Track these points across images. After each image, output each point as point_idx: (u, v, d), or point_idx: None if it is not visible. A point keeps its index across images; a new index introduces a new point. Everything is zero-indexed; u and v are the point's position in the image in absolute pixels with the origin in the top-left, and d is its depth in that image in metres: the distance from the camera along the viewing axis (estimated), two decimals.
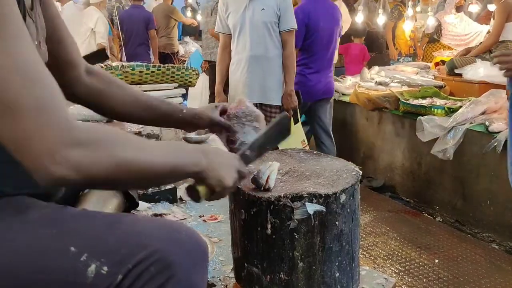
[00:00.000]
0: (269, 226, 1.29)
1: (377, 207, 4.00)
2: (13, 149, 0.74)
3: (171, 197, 2.25)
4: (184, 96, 3.46)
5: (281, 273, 1.31)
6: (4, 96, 0.72)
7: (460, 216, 3.71)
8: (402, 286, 2.85)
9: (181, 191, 2.39)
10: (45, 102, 0.76)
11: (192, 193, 1.05)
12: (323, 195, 1.27)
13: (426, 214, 3.90)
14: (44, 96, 0.76)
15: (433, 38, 6.65)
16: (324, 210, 1.27)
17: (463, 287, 2.82)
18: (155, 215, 2.06)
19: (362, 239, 3.44)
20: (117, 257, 0.82)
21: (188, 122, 1.38)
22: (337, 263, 1.34)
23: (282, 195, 1.26)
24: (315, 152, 1.63)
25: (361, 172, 1.42)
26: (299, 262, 1.30)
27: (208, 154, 0.98)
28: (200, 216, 2.11)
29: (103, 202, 1.27)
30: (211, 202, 2.28)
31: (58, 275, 0.82)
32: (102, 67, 2.87)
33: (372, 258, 3.19)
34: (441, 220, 3.78)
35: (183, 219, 2.09)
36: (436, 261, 3.14)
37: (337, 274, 1.34)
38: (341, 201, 1.30)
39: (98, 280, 0.81)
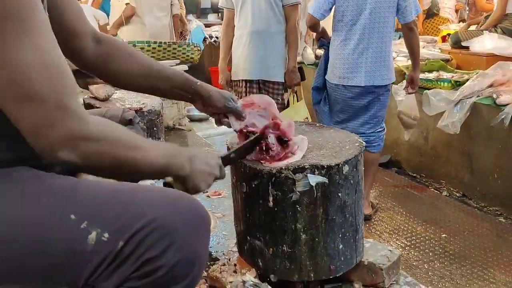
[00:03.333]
0: (271, 198, 1.27)
1: (383, 183, 3.98)
2: (29, 134, 0.82)
3: None
4: None
5: (284, 245, 1.30)
6: (30, 89, 0.79)
7: (467, 190, 3.69)
8: (408, 260, 2.85)
9: None
10: (64, 96, 0.82)
11: (167, 186, 1.11)
12: (325, 167, 1.25)
13: (432, 189, 3.87)
14: (64, 91, 0.83)
15: (433, 13, 6.55)
16: (327, 181, 1.25)
17: (470, 260, 2.81)
18: None
19: None
20: (117, 224, 0.82)
21: (199, 97, 1.33)
22: (340, 235, 1.32)
23: (283, 167, 1.24)
24: (317, 125, 1.60)
25: (364, 143, 1.39)
26: (301, 234, 1.28)
27: (193, 160, 1.04)
28: (203, 192, 2.11)
29: None
30: None
31: (58, 243, 0.82)
32: None
33: (378, 233, 3.18)
34: (447, 195, 3.76)
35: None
36: (443, 235, 3.12)
37: (341, 246, 1.33)
38: (344, 173, 1.28)
39: (99, 247, 0.81)
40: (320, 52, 5.36)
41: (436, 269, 2.76)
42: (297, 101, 3.49)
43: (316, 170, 1.24)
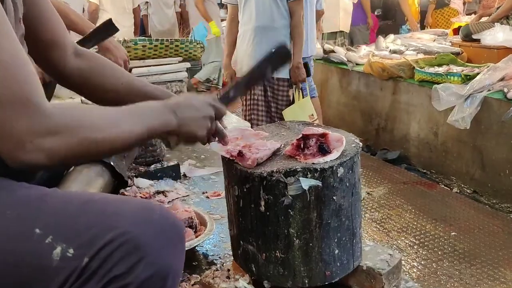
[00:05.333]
0: (262, 203, 1.23)
1: (392, 179, 3.90)
2: None
3: (174, 174, 2.21)
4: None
5: (277, 251, 1.26)
6: None
7: (478, 187, 3.61)
8: (416, 259, 2.78)
9: (185, 168, 2.35)
10: (21, 94, 0.79)
11: (164, 142, 1.09)
12: (318, 169, 1.20)
13: (442, 186, 3.80)
14: (21, 89, 0.79)
15: (444, 3, 6.42)
16: (320, 184, 1.21)
17: (480, 259, 2.74)
18: (158, 192, 2.02)
19: (375, 212, 3.37)
20: (83, 239, 0.78)
21: None
22: (336, 240, 1.27)
23: (274, 170, 1.20)
24: (315, 124, 1.55)
25: (361, 144, 1.34)
26: (295, 239, 1.24)
27: (178, 109, 0.99)
28: (203, 193, 2.08)
29: (88, 182, 1.22)
30: (215, 178, 2.25)
31: (22, 258, 0.78)
32: None
33: (386, 231, 3.12)
34: (458, 191, 3.68)
35: (186, 195, 2.05)
36: (452, 233, 3.05)
37: (337, 251, 1.28)
38: (338, 175, 1.23)
39: (63, 263, 0.77)
40: (329, 46, 5.33)
41: (445, 268, 2.69)
42: (303, 97, 3.43)
43: (308, 173, 1.19)
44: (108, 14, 4.65)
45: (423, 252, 2.85)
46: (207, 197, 2.03)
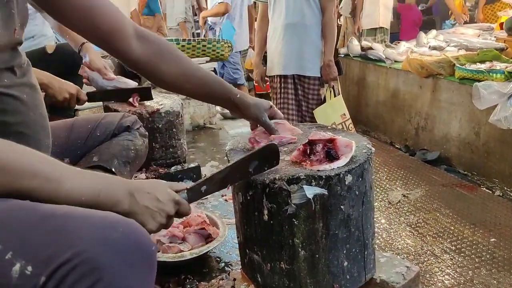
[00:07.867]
0: (265, 211, 1.17)
1: (430, 181, 3.75)
2: None
3: (195, 176, 2.18)
4: None
5: (282, 261, 1.20)
6: None
7: None
8: (451, 266, 2.65)
9: (207, 169, 2.32)
10: None
11: None
12: (323, 177, 1.13)
13: (484, 188, 3.61)
14: None
15: None
16: (326, 193, 1.13)
17: None
18: None
19: (411, 215, 3.24)
20: (41, 257, 0.73)
21: (236, 108, 1.36)
22: (345, 251, 1.20)
23: (277, 177, 1.14)
24: (329, 127, 1.48)
25: (373, 149, 1.25)
26: (300, 250, 1.18)
27: (136, 195, 0.91)
28: (222, 196, 2.04)
29: None
30: None
31: None
32: None
33: (421, 236, 2.99)
34: (500, 195, 3.49)
35: (204, 198, 2.02)
36: (492, 239, 2.89)
37: (346, 263, 1.21)
38: (346, 183, 1.15)
39: (22, 281, 0.72)
40: (367, 43, 5.19)
41: (481, 276, 2.55)
42: (334, 96, 3.34)
43: (313, 180, 1.12)
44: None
45: (459, 259, 2.71)
46: (225, 200, 1.99)
